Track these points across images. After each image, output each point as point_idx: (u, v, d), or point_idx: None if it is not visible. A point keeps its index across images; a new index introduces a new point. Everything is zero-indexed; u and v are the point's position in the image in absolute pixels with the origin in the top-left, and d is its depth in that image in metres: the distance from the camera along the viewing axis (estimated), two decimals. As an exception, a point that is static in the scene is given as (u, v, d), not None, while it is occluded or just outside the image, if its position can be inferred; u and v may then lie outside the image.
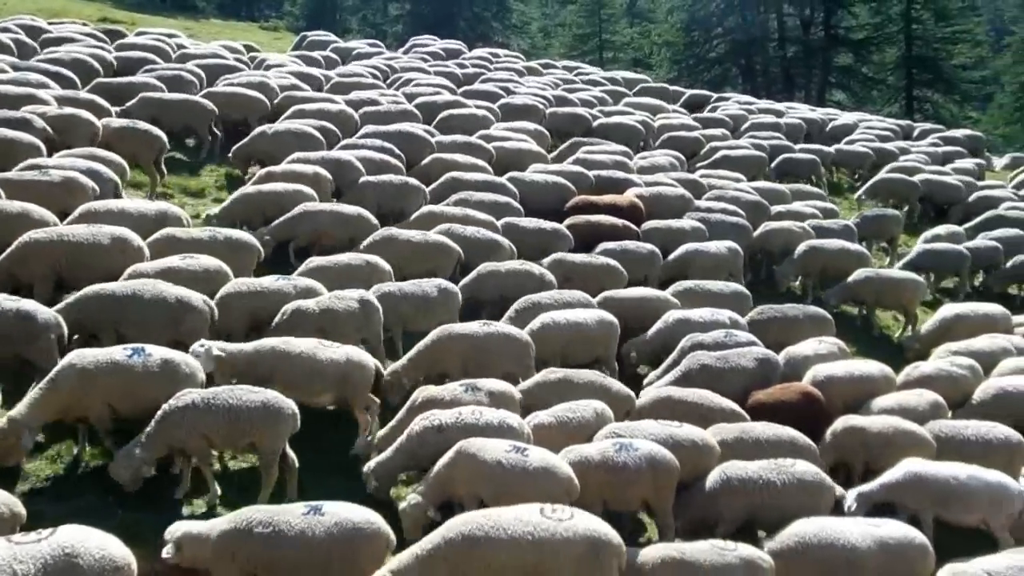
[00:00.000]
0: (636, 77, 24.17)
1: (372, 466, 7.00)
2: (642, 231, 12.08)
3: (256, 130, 12.97)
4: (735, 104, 21.78)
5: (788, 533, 6.51)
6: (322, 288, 8.67)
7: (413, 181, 11.99)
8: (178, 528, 5.60)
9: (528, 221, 11.61)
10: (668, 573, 5.98)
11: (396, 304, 8.83)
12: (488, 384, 7.63)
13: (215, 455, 6.99)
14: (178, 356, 6.92)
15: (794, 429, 7.86)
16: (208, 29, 27.25)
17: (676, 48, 42.46)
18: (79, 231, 8.49)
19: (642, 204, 12.70)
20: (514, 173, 13.06)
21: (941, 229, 14.72)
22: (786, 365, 9.33)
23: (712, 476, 7.06)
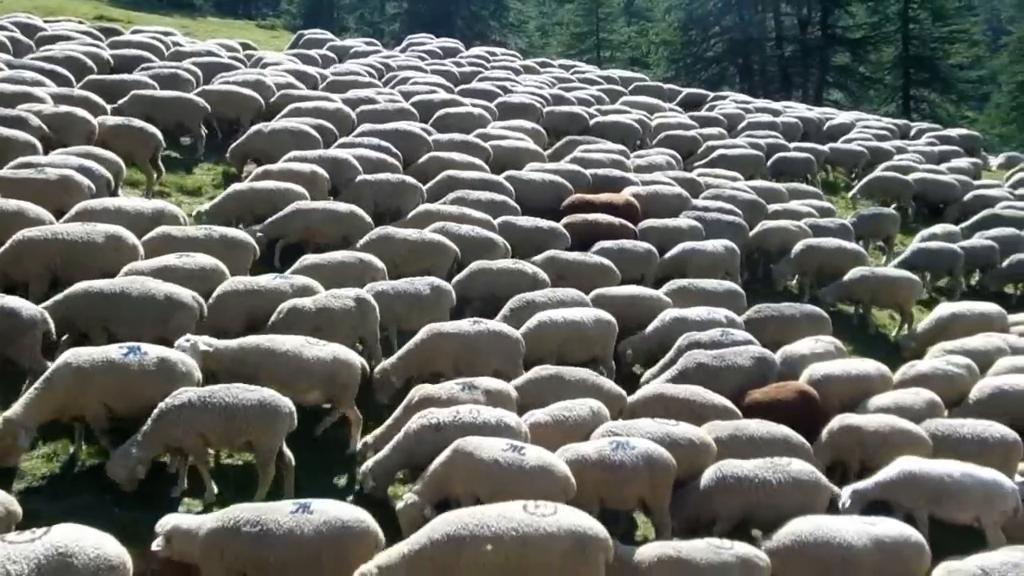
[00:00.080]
0: (633, 76, 24.16)
1: (370, 465, 6.99)
2: (639, 230, 12.08)
3: (252, 128, 12.90)
4: (732, 103, 21.75)
5: (784, 531, 6.51)
6: (319, 287, 8.64)
7: (410, 180, 11.95)
8: (168, 521, 5.59)
9: (525, 220, 11.59)
10: (665, 571, 5.98)
11: (390, 303, 8.79)
12: (485, 383, 7.62)
13: (211, 454, 6.97)
14: (174, 355, 6.91)
15: (790, 428, 7.87)
16: (205, 27, 27.19)
17: (673, 47, 42.52)
18: (73, 229, 8.47)
19: (638, 203, 12.71)
20: (511, 172, 13.03)
21: (938, 228, 14.73)
22: (783, 364, 9.33)
23: (708, 474, 7.06)
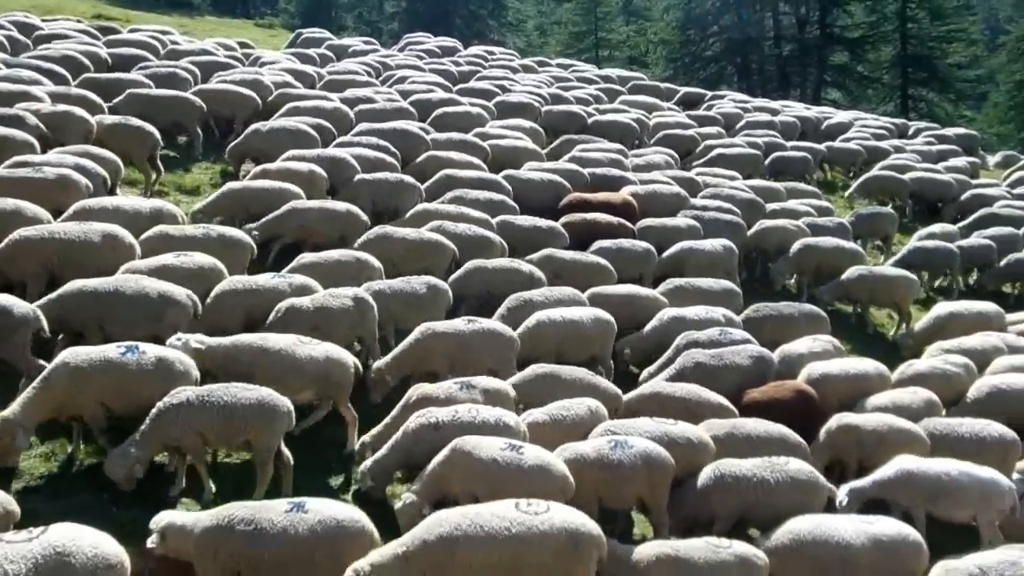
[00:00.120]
0: (630, 75, 24.15)
1: (369, 464, 6.99)
2: (637, 229, 12.07)
3: (250, 128, 12.86)
4: (730, 102, 21.75)
5: (783, 530, 6.51)
6: (318, 286, 8.63)
7: (409, 179, 11.92)
8: (163, 518, 5.58)
9: (524, 219, 11.58)
10: (663, 570, 5.98)
11: (386, 302, 8.77)
12: (483, 382, 7.61)
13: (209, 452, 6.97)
14: (172, 354, 6.89)
15: (788, 427, 7.86)
16: (203, 26, 27.14)
17: (672, 46, 42.56)
18: (70, 228, 8.43)
19: (636, 202, 12.70)
20: (510, 171, 13.02)
21: (936, 227, 14.74)
22: (781, 363, 9.34)
23: (705, 473, 7.05)
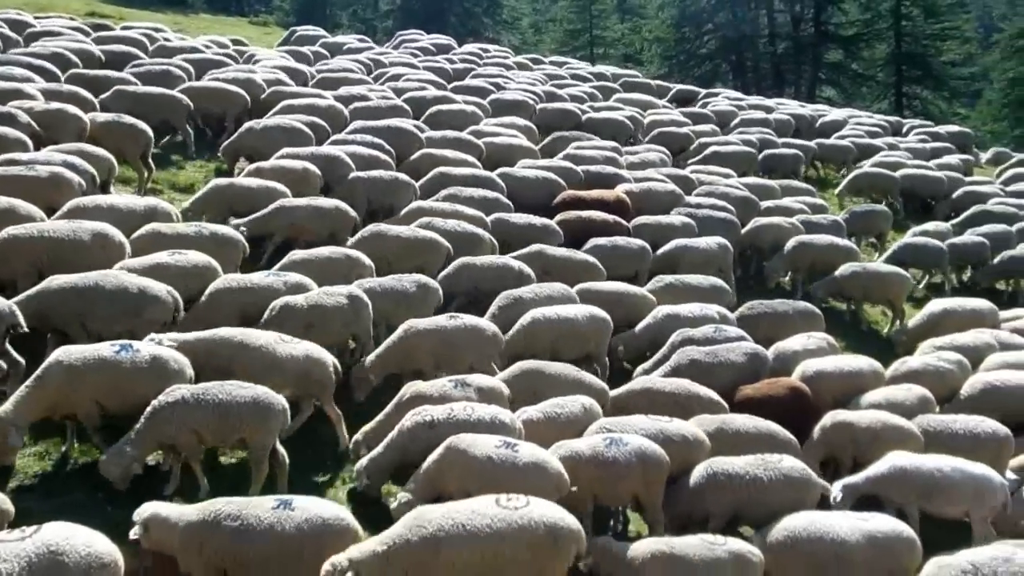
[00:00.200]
0: (624, 73, 24.16)
1: (364, 463, 6.98)
2: (632, 227, 12.08)
3: (244, 125, 12.83)
4: (725, 100, 21.77)
5: (778, 527, 6.52)
6: (312, 284, 8.62)
7: (403, 177, 11.91)
8: (146, 509, 5.55)
9: (518, 216, 11.58)
10: (658, 567, 5.99)
11: (377, 300, 8.74)
12: (476, 380, 7.61)
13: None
14: (166, 352, 6.87)
15: (782, 424, 7.87)
16: (197, 24, 27.08)
17: (667, 44, 42.58)
18: (60, 227, 8.37)
19: (631, 199, 12.70)
20: (504, 168, 13.02)
21: (929, 225, 14.78)
22: (775, 360, 9.36)
23: (698, 471, 7.06)
